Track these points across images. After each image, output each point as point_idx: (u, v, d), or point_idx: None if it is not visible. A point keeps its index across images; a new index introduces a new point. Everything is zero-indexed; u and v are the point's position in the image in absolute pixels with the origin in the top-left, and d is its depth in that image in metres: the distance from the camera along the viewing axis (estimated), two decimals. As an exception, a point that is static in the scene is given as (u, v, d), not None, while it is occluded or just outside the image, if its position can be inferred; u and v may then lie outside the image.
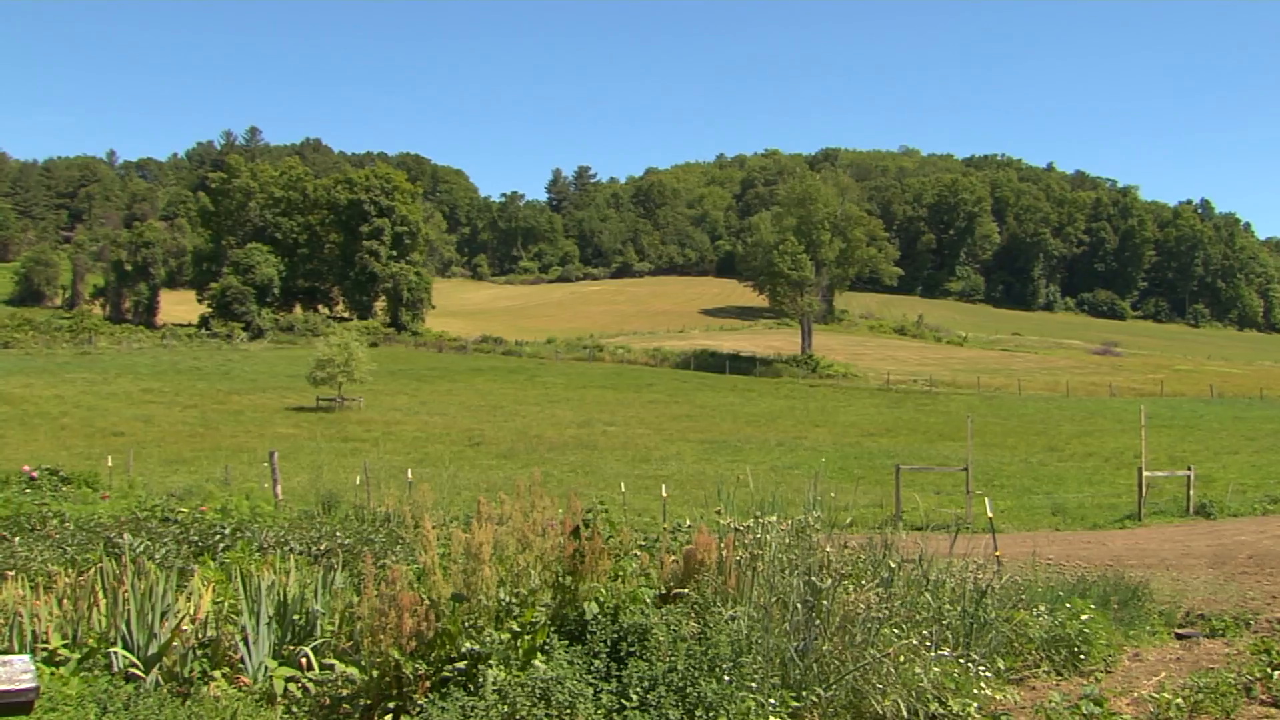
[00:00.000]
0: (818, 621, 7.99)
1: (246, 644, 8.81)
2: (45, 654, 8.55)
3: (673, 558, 9.33)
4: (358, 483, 34.76)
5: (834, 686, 7.64)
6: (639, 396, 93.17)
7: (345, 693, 8.05)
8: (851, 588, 8.51)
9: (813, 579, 8.23)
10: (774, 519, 9.65)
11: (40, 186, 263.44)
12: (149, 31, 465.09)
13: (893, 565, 9.65)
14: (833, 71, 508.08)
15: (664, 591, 8.94)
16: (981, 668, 8.31)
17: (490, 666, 7.41)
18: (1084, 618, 10.03)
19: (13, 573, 11.20)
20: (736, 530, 9.56)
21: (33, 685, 5.21)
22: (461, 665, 7.50)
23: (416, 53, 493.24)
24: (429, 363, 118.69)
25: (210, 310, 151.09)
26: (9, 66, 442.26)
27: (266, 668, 8.63)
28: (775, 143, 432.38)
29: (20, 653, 7.88)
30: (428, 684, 7.45)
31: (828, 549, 8.87)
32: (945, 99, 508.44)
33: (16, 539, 14.67)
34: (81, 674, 8.22)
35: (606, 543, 8.36)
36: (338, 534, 14.77)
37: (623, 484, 37.96)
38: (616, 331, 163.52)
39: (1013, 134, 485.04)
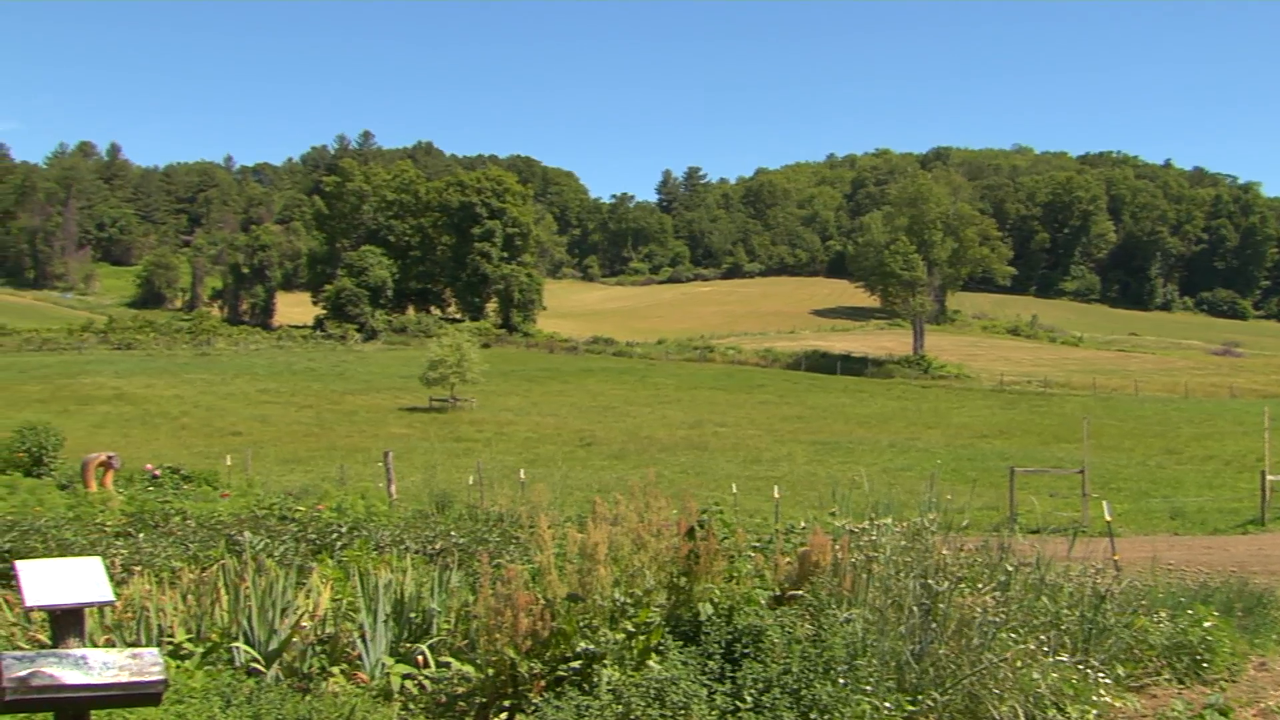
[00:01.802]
0: (934, 625, 7.91)
1: (364, 641, 8.91)
2: (171, 648, 8.71)
3: (787, 559, 9.29)
4: (470, 482, 35.02)
5: (950, 691, 7.55)
6: (750, 397, 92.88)
7: (461, 690, 8.11)
8: (967, 591, 8.40)
9: (929, 581, 8.15)
10: (889, 521, 9.58)
11: (161, 192, 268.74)
12: (265, 38, 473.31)
13: (1009, 568, 9.53)
14: (944, 70, 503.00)
15: (778, 593, 8.89)
16: (1100, 674, 8.17)
17: (605, 666, 7.43)
18: (1207, 625, 9.79)
19: (139, 568, 11.44)
20: (851, 532, 9.51)
21: (161, 678, 5.30)
22: (576, 665, 7.52)
23: (527, 56, 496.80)
24: (540, 364, 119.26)
25: (325, 312, 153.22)
26: (131, 75, 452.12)
27: (384, 665, 8.71)
28: (886, 142, 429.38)
29: (147, 646, 8.03)
30: (543, 683, 7.48)
31: (944, 551, 8.78)
32: (1059, 96, 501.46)
33: (141, 535, 14.95)
34: (205, 668, 8.37)
35: (721, 544, 8.35)
36: (452, 533, 14.86)
37: (734, 485, 37.91)
38: (727, 332, 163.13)
39: (1129, 131, 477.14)
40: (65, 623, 5.79)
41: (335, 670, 8.82)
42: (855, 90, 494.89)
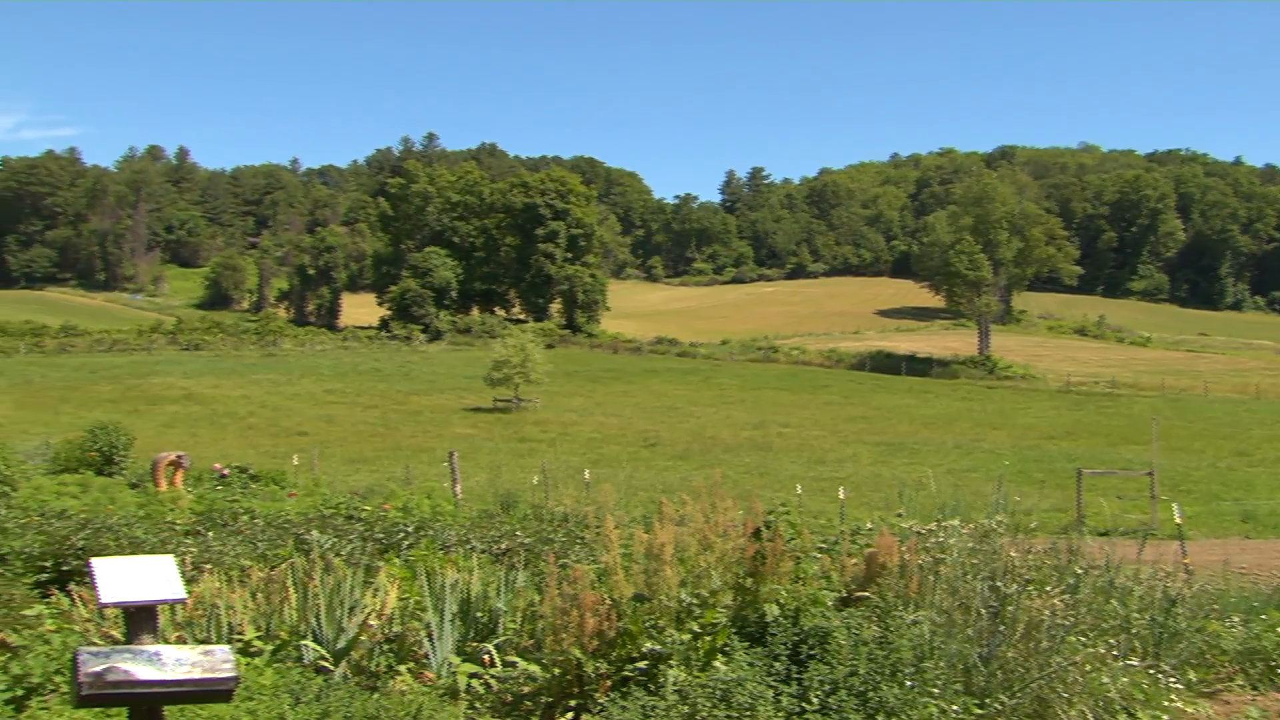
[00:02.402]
0: (1002, 627, 7.85)
1: (431, 640, 8.96)
2: (240, 645, 8.80)
3: (853, 560, 9.25)
4: (535, 482, 35.10)
5: (1018, 694, 7.50)
6: (814, 398, 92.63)
7: (527, 690, 8.14)
8: (1036, 593, 8.33)
9: (997, 584, 8.10)
10: (956, 522, 9.52)
11: (228, 194, 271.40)
12: (331, 42, 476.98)
13: (1078, 571, 9.44)
14: (1010, 68, 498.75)
15: (844, 594, 8.87)
16: (1171, 679, 8.08)
17: (671, 667, 7.43)
18: (1281, 629, 9.68)
19: (209, 566, 11.57)
20: (918, 533, 9.46)
21: (233, 675, 5.36)
22: (642, 665, 7.53)
23: (591, 57, 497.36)
24: (604, 364, 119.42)
25: (390, 312, 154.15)
26: (199, 80, 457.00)
27: (450, 664, 8.76)
28: (951, 141, 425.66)
29: (218, 643, 8.11)
30: (609, 683, 7.49)
31: (1012, 553, 8.71)
32: (1126, 94, 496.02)
33: (210, 534, 15.11)
34: (275, 665, 8.44)
35: (787, 545, 8.33)
36: (518, 533, 14.90)
37: (799, 486, 37.82)
38: (791, 333, 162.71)
39: (1198, 128, 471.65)
40: (139, 620, 5.85)
41: (402, 669, 8.88)
42: (919, 89, 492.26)
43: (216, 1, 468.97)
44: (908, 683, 7.12)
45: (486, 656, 8.83)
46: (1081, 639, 8.05)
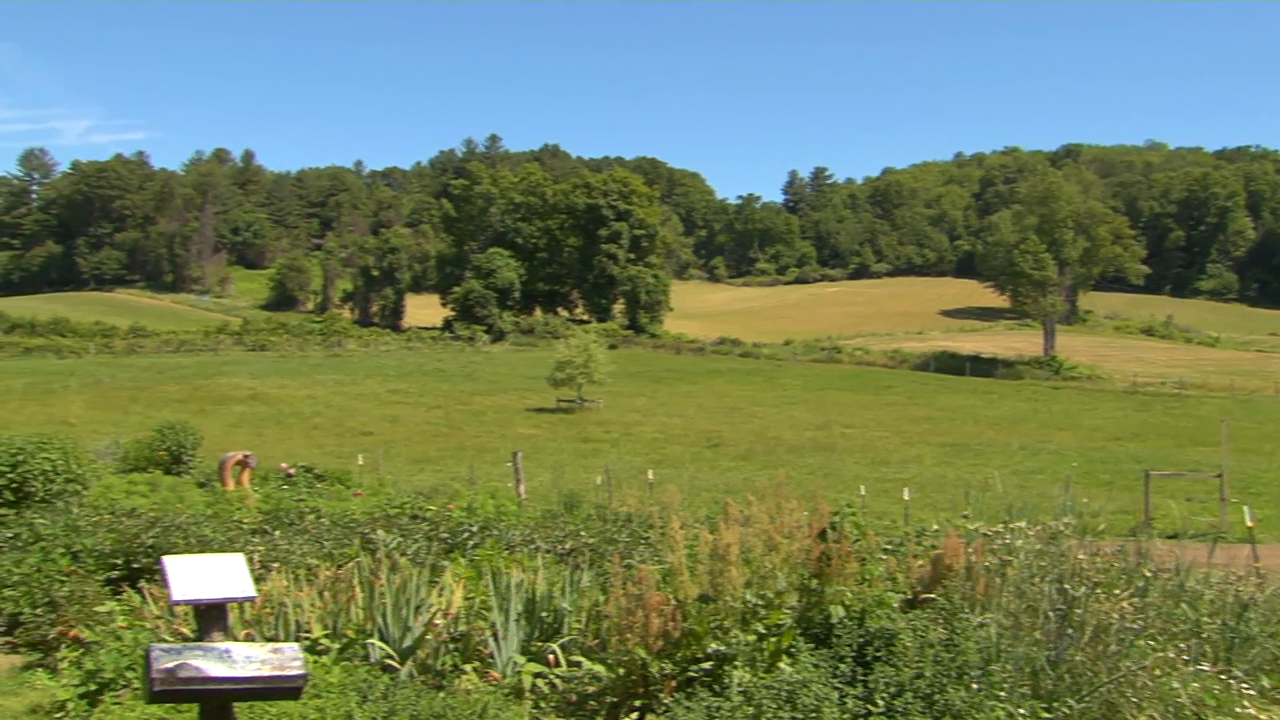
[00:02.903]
0: (1070, 631, 7.78)
1: (496, 640, 9.00)
2: (308, 643, 8.87)
3: (919, 562, 9.21)
4: (598, 483, 35.16)
5: (1087, 698, 7.43)
6: (877, 398, 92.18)
7: (591, 690, 8.16)
8: (1104, 596, 8.24)
9: (1065, 586, 8.02)
10: (1023, 524, 9.45)
11: (293, 196, 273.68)
12: (394, 45, 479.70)
13: (1147, 574, 9.33)
14: (1075, 66, 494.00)
15: (910, 596, 8.83)
16: (1244, 685, 7.96)
17: (736, 668, 7.43)
18: (1358, 636, 9.52)
19: (276, 565, 11.67)
20: (984, 535, 9.40)
21: (302, 672, 5.41)
22: (707, 666, 7.53)
23: (652, 59, 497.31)
24: (667, 364, 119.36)
25: (453, 313, 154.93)
26: (264, 83, 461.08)
27: (515, 663, 8.79)
28: (1015, 140, 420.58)
29: (286, 641, 8.18)
30: (673, 683, 7.50)
31: (1079, 556, 8.63)
32: (1194, 91, 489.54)
33: (277, 533, 15.24)
34: (342, 663, 8.51)
35: (853, 546, 8.30)
36: (582, 533, 14.93)
37: (862, 487, 37.69)
38: (854, 333, 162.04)
39: (1268, 124, 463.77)
40: (209, 617, 5.91)
41: (467, 668, 8.93)
42: (983, 88, 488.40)
43: (282, 7, 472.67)
44: (974, 686, 7.08)
45: (551, 656, 8.86)
46: (1151, 643, 7.95)
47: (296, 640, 8.77)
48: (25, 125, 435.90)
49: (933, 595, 8.61)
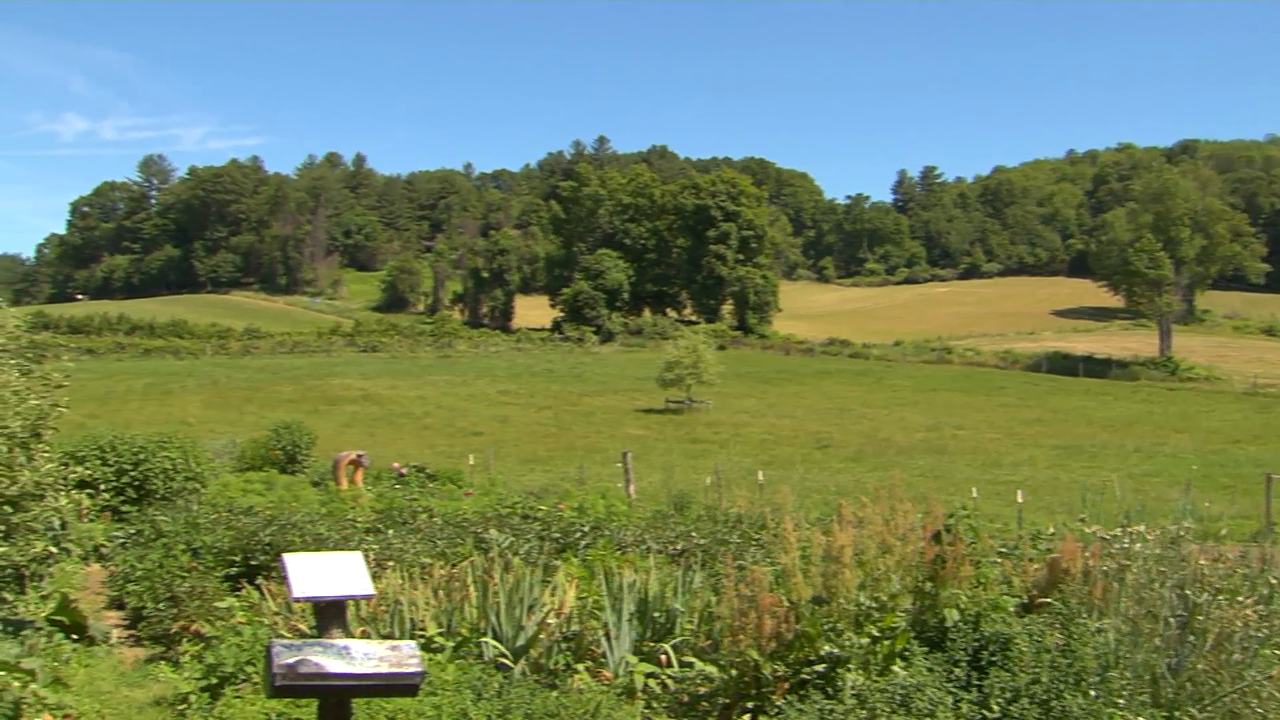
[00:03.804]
0: (1191, 638, 7.64)
1: (608, 639, 9.04)
2: (422, 641, 8.97)
3: (1035, 566, 9.11)
4: (708, 483, 35.09)
5: (1209, 708, 7.29)
6: (989, 399, 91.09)
7: (703, 690, 8.17)
8: (1226, 603, 8.09)
9: (1186, 592, 7.88)
10: (1141, 528, 9.30)
11: (404, 199, 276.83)
12: (503, 49, 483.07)
13: (1272, 581, 9.15)
14: (1190, 61, 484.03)
15: (1026, 600, 8.74)
16: (1372, 694, 7.78)
17: (849, 670, 7.40)
18: None
19: (390, 564, 11.82)
20: (1102, 539, 9.27)
21: (419, 670, 5.47)
22: (820, 668, 7.51)
23: (759, 59, 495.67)
24: (776, 365, 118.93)
25: (562, 314, 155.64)
26: (375, 88, 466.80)
27: (628, 663, 8.82)
28: (1129, 136, 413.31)
29: (401, 638, 8.28)
30: (786, 685, 7.48)
31: (1201, 561, 8.47)
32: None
33: (390, 532, 15.42)
34: (456, 661, 8.59)
35: (968, 549, 8.23)
36: (693, 534, 14.94)
37: (974, 489, 37.22)
38: (965, 333, 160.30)
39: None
40: (329, 614, 6.01)
41: (580, 667, 8.98)
42: (1096, 84, 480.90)
43: (393, 13, 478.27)
44: (1092, 692, 6.99)
45: (663, 656, 8.88)
46: (1277, 652, 7.79)
47: (411, 638, 8.87)
48: (146, 133, 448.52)
49: (1049, 600, 8.51)
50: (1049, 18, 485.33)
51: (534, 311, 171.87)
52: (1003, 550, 10.37)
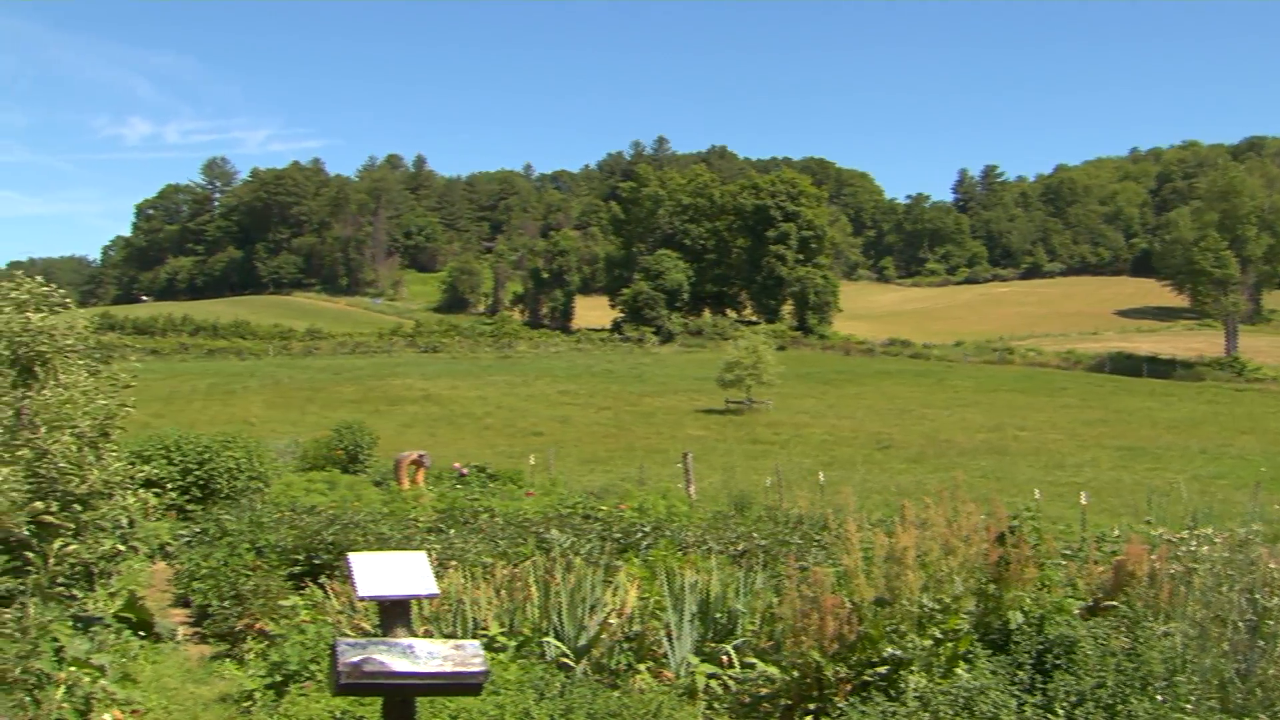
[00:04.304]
0: (1260, 643, 7.55)
1: (670, 640, 9.04)
2: (485, 640, 9.01)
3: (1100, 568, 9.03)
4: (768, 484, 35.04)
5: None
6: (1051, 400, 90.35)
7: (765, 692, 8.15)
8: (1296, 607, 8.00)
9: (1255, 596, 7.79)
10: (1209, 530, 9.20)
11: (464, 200, 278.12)
12: (561, 51, 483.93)
13: (1344, 585, 9.03)
14: (1256, 57, 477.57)
15: (1090, 603, 8.66)
16: None
17: (912, 672, 7.36)
18: None
19: (453, 563, 11.88)
20: (1168, 541, 9.18)
21: (483, 669, 5.50)
22: (882, 670, 7.48)
23: (819, 59, 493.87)
24: (836, 366, 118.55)
25: (622, 315, 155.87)
26: (435, 90, 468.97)
27: (689, 664, 8.82)
28: (1193, 133, 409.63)
29: (463, 638, 8.32)
30: (848, 687, 7.46)
31: (1271, 564, 8.36)
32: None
33: (452, 531, 15.50)
34: (519, 661, 8.63)
35: (1032, 551, 8.17)
36: (754, 534, 14.93)
37: (1036, 490, 36.93)
38: (1027, 333, 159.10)
39: None
40: (393, 613, 6.04)
41: (641, 667, 8.99)
42: (1159, 82, 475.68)
43: (454, 15, 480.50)
44: (1159, 697, 6.92)
45: (725, 657, 8.87)
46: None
47: (474, 637, 8.91)
48: (209, 136, 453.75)
49: (1114, 603, 8.43)
50: (1111, 15, 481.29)
51: (594, 312, 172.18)
52: (1067, 552, 10.29)
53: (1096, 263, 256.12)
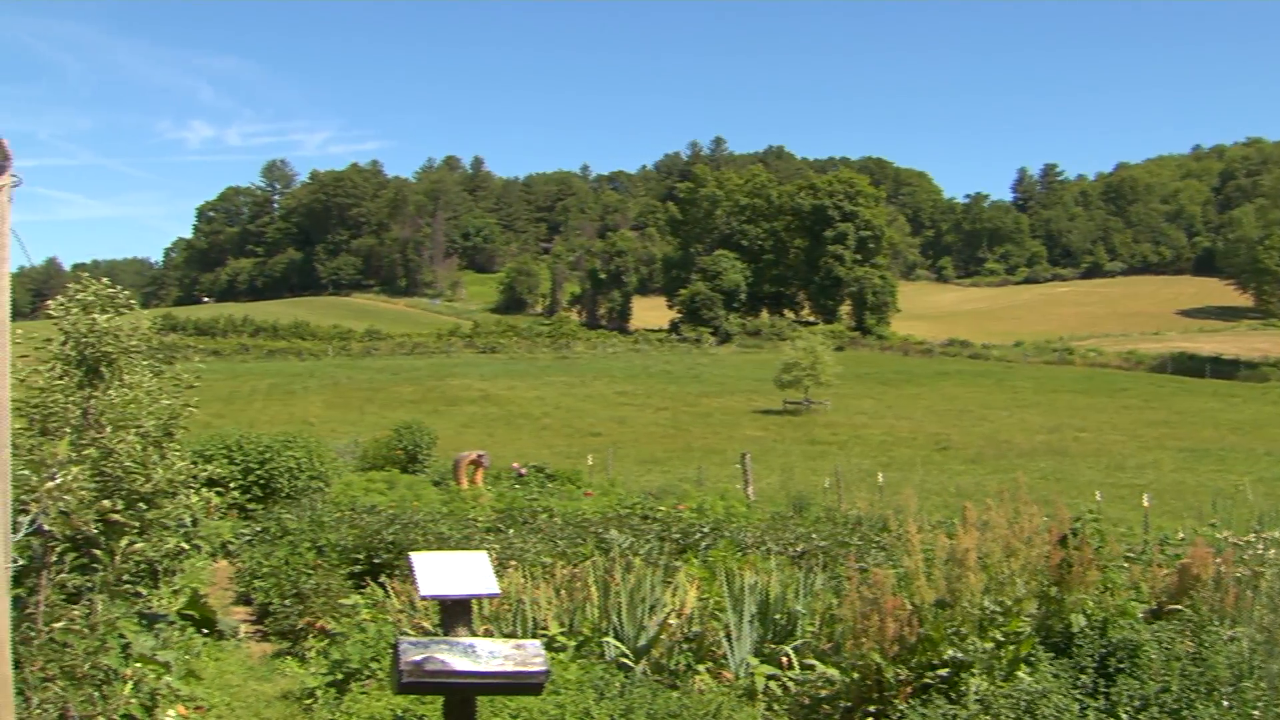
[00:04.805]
0: (1329, 647, 7.47)
1: (729, 641, 9.04)
2: (544, 640, 9.03)
3: (1164, 571, 8.95)
4: (826, 485, 34.97)
5: (1348, 718, 7.12)
6: (1112, 401, 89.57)
7: (825, 693, 8.12)
8: (1365, 611, 7.90)
9: (1323, 599, 7.71)
10: (1276, 533, 9.10)
11: (521, 201, 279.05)
12: (618, 52, 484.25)
13: None
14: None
15: (1154, 607, 8.59)
16: None
17: (973, 675, 7.32)
18: None
19: (513, 563, 11.92)
20: (1234, 544, 9.08)
21: (544, 669, 5.52)
22: (943, 672, 7.44)
23: (877, 59, 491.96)
24: (894, 366, 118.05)
25: (679, 315, 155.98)
26: (493, 91, 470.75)
27: (749, 665, 8.82)
28: (1258, 130, 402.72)
29: (524, 638, 8.36)
30: (908, 689, 7.42)
31: (1339, 568, 8.28)
32: None
33: (511, 531, 15.57)
34: (578, 660, 8.65)
35: (1095, 553, 8.11)
36: (813, 535, 14.90)
37: (1097, 492, 36.62)
38: (1087, 334, 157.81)
39: None
40: (455, 613, 6.07)
41: (701, 668, 9.00)
42: (1222, 78, 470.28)
43: (510, 17, 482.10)
44: (1224, 703, 6.86)
45: (784, 658, 8.86)
46: None
47: (533, 637, 8.94)
48: (269, 139, 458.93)
49: (1179, 607, 8.35)
50: (1174, 11, 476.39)
51: (651, 313, 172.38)
52: (1130, 555, 10.21)
53: (1158, 262, 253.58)
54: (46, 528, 6.75)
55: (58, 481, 6.60)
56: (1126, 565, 9.39)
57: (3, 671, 4.06)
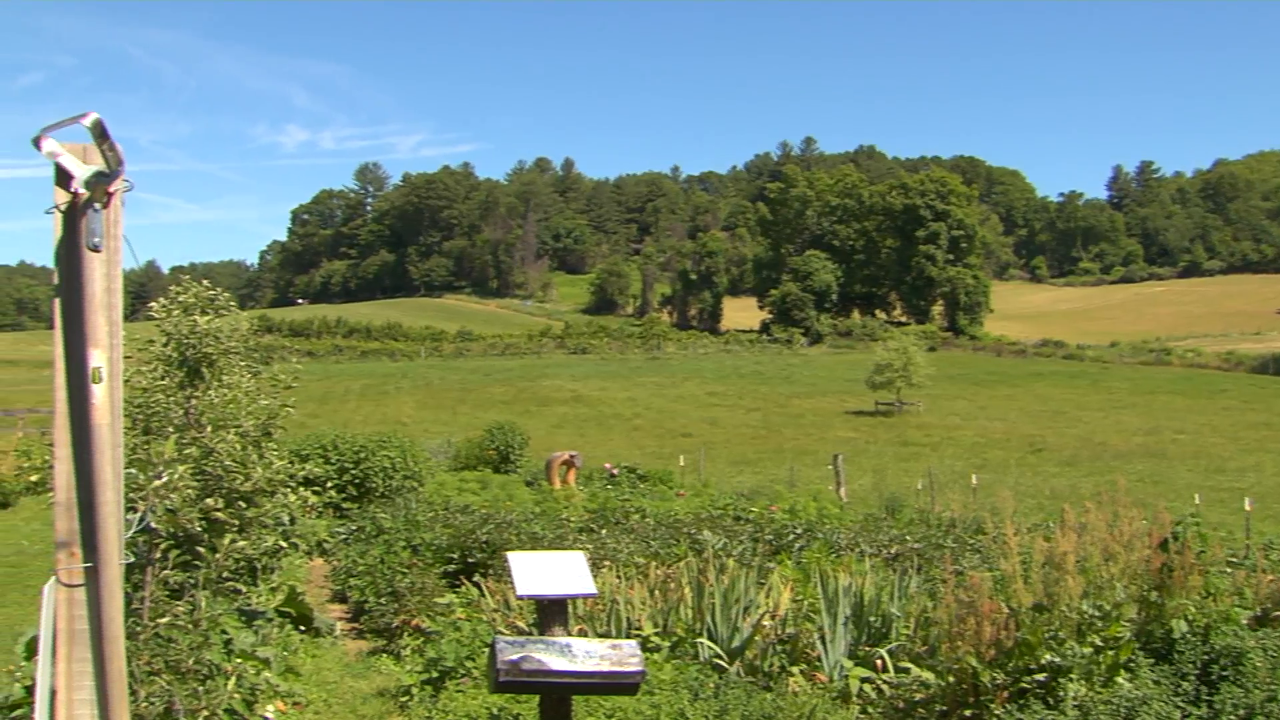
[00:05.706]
0: None
1: (823, 642, 9.01)
2: (638, 640, 9.06)
3: (1269, 577, 8.80)
4: (919, 487, 34.74)
5: None
6: (1211, 403, 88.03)
7: (920, 697, 8.07)
8: None
9: None
10: (1384, 538, 8.92)
11: (612, 203, 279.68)
12: (708, 53, 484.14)
13: None
14: None
15: (1259, 613, 8.44)
16: None
17: (1071, 680, 7.24)
18: None
19: (606, 563, 11.96)
20: (1341, 549, 8.93)
21: (640, 669, 5.54)
22: (1040, 677, 7.36)
23: (969, 57, 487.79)
24: (987, 367, 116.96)
25: (770, 316, 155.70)
26: (583, 94, 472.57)
27: (842, 667, 8.79)
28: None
29: (618, 637, 8.39)
30: (1005, 694, 7.35)
31: None
32: None
33: (604, 531, 15.63)
34: (673, 661, 8.67)
35: (1197, 558, 7.99)
36: (907, 537, 14.81)
37: (1196, 496, 36.07)
38: (1185, 334, 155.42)
39: None
40: (551, 612, 6.11)
41: (794, 670, 8.97)
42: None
43: (600, 20, 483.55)
44: (1333, 712, 6.73)
45: (879, 661, 8.82)
46: None
47: (628, 637, 8.97)
48: (363, 142, 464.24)
49: (1284, 612, 8.22)
50: (1272, 8, 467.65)
51: (742, 313, 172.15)
52: (1233, 560, 10.05)
53: (1259, 260, 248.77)
54: (153, 525, 6.88)
55: (164, 480, 6.73)
56: (1229, 570, 9.23)
57: (117, 666, 4.14)
